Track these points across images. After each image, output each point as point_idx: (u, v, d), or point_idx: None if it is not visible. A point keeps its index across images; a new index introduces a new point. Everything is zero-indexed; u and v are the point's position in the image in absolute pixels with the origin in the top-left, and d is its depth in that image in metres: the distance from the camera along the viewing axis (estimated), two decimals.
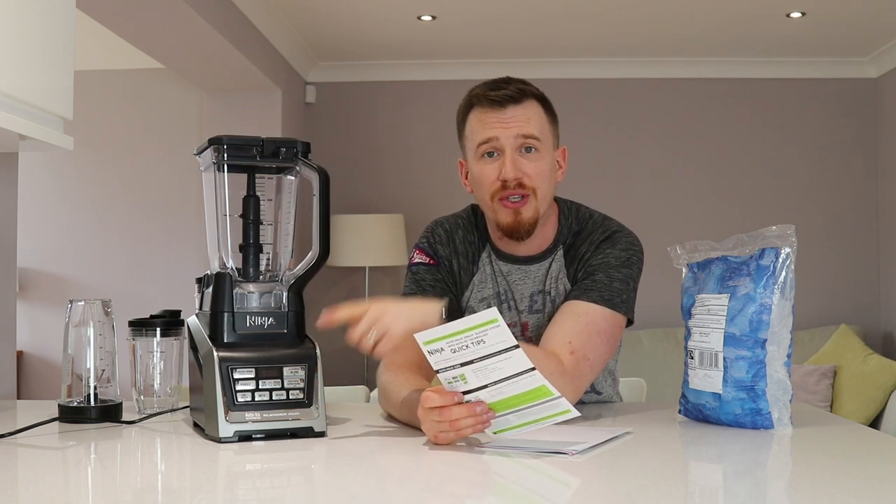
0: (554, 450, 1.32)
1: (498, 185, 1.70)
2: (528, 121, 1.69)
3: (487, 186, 1.71)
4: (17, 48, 1.56)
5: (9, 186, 2.18)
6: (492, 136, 1.69)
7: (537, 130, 1.70)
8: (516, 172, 1.68)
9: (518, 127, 1.69)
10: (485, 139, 1.70)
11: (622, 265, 1.71)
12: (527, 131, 1.69)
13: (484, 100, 1.71)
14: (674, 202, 5.09)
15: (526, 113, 1.70)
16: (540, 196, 1.71)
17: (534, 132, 1.70)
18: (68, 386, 1.63)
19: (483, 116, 1.71)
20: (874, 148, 5.06)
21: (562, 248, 1.79)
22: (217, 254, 1.54)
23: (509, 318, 1.79)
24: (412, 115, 5.22)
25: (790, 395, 1.51)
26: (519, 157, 1.69)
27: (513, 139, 1.69)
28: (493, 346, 1.32)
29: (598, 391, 1.84)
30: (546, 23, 4.42)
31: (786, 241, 1.50)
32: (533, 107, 1.72)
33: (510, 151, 1.68)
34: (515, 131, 1.68)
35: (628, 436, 1.45)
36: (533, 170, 1.69)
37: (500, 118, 1.69)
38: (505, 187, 1.69)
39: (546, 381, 1.34)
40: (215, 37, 3.71)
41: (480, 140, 1.71)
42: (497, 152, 1.70)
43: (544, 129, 1.73)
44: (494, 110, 1.70)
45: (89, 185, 5.09)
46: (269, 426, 1.42)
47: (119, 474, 1.28)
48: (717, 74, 5.10)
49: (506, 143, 1.69)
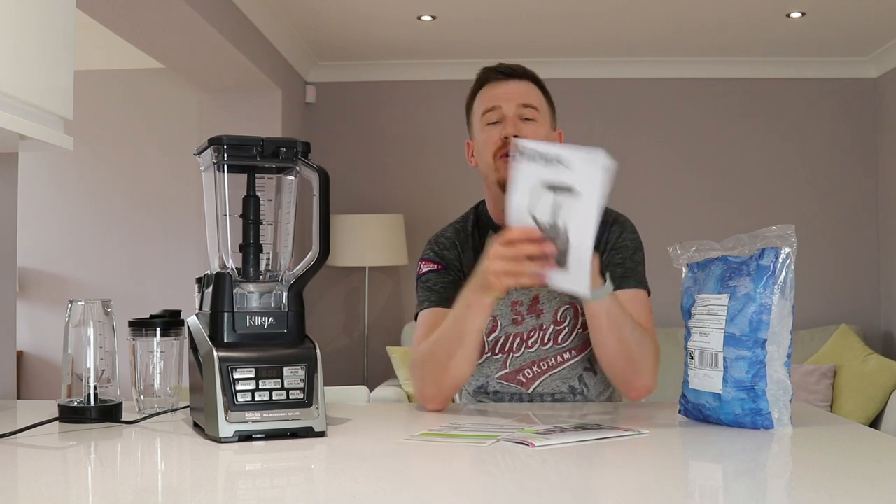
0: (518, 440, 1.37)
1: (499, 144, 1.85)
2: (528, 93, 1.89)
3: (490, 146, 1.87)
4: (17, 48, 1.56)
5: (9, 186, 2.18)
6: (496, 104, 1.88)
7: (536, 103, 1.89)
8: (516, 130, 1.84)
9: (519, 97, 1.88)
10: (489, 107, 1.88)
11: (638, 248, 1.89)
12: (526, 101, 1.88)
13: (490, 72, 1.93)
14: (674, 202, 5.09)
15: (527, 88, 1.90)
16: None
17: (533, 103, 1.88)
18: (68, 386, 1.63)
19: (489, 89, 1.91)
20: (874, 148, 5.06)
21: None
22: (217, 254, 1.54)
23: (522, 292, 1.88)
24: (412, 114, 5.22)
25: (790, 395, 1.51)
26: (519, 122, 1.86)
27: (514, 107, 1.87)
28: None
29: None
30: (546, 23, 4.42)
31: (786, 241, 1.50)
32: (532, 86, 1.92)
33: (511, 116, 1.86)
34: (516, 101, 1.87)
35: (642, 435, 1.45)
36: (531, 133, 1.84)
37: (503, 90, 1.89)
38: (505, 144, 1.83)
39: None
40: (215, 37, 3.71)
41: (485, 108, 1.89)
42: (500, 120, 1.87)
43: (542, 105, 1.91)
44: (499, 83, 1.90)
45: (89, 184, 5.09)
46: (269, 426, 1.42)
47: (119, 474, 1.28)
48: (717, 74, 5.10)
49: (507, 110, 1.87)
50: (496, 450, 1.35)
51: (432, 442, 1.41)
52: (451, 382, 1.72)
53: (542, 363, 1.86)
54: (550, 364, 1.86)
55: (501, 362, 1.88)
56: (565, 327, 1.86)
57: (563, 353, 1.86)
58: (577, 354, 1.87)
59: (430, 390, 1.73)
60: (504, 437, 1.40)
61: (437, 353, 1.72)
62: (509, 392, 1.88)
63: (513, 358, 1.87)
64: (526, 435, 1.40)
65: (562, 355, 1.86)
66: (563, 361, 1.86)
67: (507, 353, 1.88)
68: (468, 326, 1.66)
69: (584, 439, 1.40)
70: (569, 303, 1.86)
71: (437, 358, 1.72)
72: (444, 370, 1.70)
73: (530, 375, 1.86)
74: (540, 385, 1.86)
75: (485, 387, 1.90)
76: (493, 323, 1.88)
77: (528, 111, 1.86)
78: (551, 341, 1.86)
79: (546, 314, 1.86)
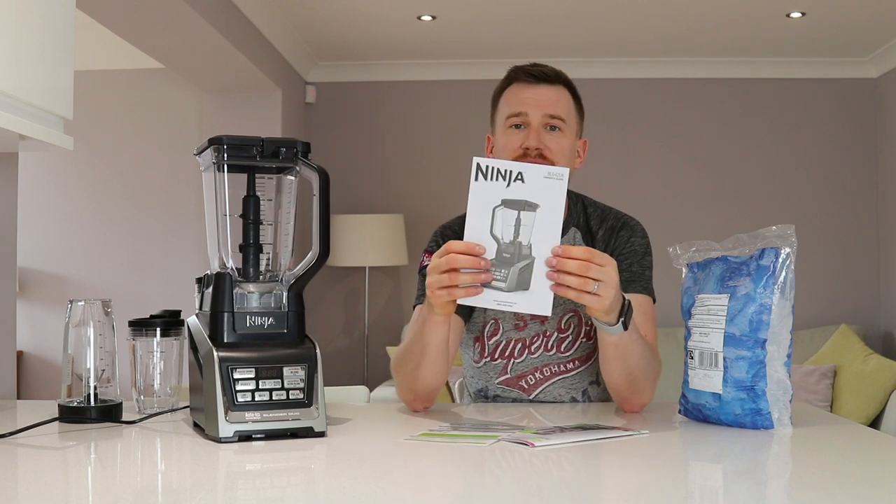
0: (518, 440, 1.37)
1: (520, 153, 1.80)
2: (557, 102, 1.83)
3: (510, 153, 1.81)
4: (17, 48, 1.56)
5: (9, 186, 2.18)
6: (522, 110, 1.82)
7: (564, 113, 1.83)
8: (539, 143, 1.80)
9: (548, 106, 1.82)
10: (515, 112, 1.83)
11: (647, 252, 1.86)
12: (555, 111, 1.82)
13: (522, 73, 1.85)
14: (674, 202, 5.09)
15: (557, 94, 1.84)
16: None
17: (561, 114, 1.82)
18: (68, 386, 1.63)
19: (518, 91, 1.85)
20: (874, 148, 5.06)
21: (574, 229, 1.88)
22: (217, 254, 1.54)
23: None
24: (412, 115, 5.22)
25: (790, 395, 1.51)
26: (544, 132, 1.81)
27: (541, 116, 1.81)
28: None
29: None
30: (546, 23, 4.42)
31: (786, 241, 1.50)
32: (563, 92, 1.86)
33: (536, 125, 1.81)
34: (544, 110, 1.81)
35: (642, 435, 1.45)
36: (555, 145, 1.81)
37: (532, 95, 1.83)
38: (526, 154, 1.79)
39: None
40: (215, 37, 3.71)
41: (511, 112, 1.83)
42: (524, 125, 1.82)
43: (571, 115, 1.85)
44: (530, 86, 1.83)
45: (89, 184, 5.09)
46: (269, 426, 1.42)
47: (119, 474, 1.28)
48: (717, 74, 5.10)
49: (533, 118, 1.81)
50: (496, 450, 1.35)
51: (432, 442, 1.41)
52: (425, 387, 1.71)
53: (545, 369, 1.85)
54: (553, 371, 1.85)
55: (502, 367, 1.87)
56: (569, 335, 1.84)
57: (566, 363, 1.84)
58: (581, 365, 1.85)
59: (407, 395, 1.74)
60: (504, 437, 1.40)
61: (406, 361, 1.71)
62: (510, 397, 1.87)
63: (514, 363, 1.86)
64: (526, 435, 1.40)
65: (565, 364, 1.84)
66: (566, 371, 1.84)
67: (509, 358, 1.86)
68: (427, 339, 1.63)
69: (584, 439, 1.40)
70: (573, 310, 1.83)
71: (406, 366, 1.71)
72: (414, 378, 1.70)
73: (532, 382, 1.85)
74: (542, 392, 1.85)
75: (485, 391, 1.90)
76: (495, 326, 1.87)
77: (556, 121, 1.81)
78: (554, 348, 1.84)
79: (550, 321, 1.84)
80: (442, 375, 1.70)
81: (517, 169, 1.43)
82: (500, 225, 1.43)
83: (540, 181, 1.42)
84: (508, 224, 1.43)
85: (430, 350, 1.64)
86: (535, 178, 1.43)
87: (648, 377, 1.68)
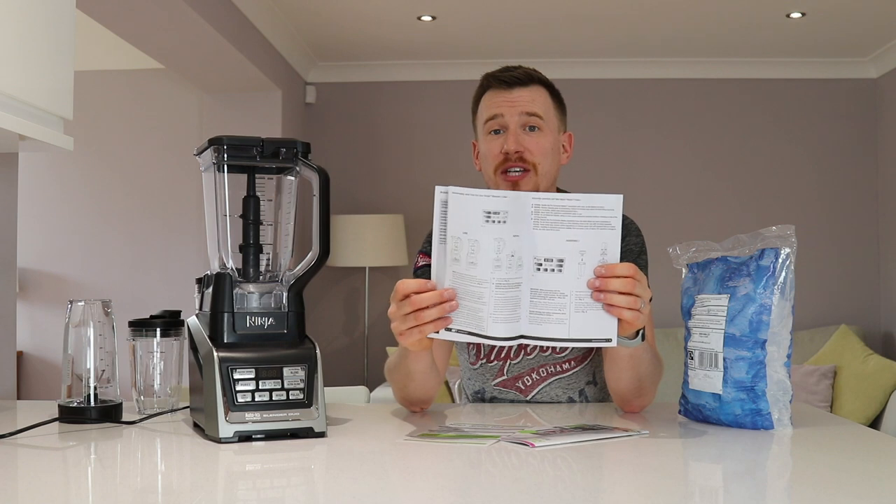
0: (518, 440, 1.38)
1: (501, 159, 1.80)
2: (532, 101, 1.81)
3: (492, 160, 1.81)
4: (17, 48, 1.56)
5: (9, 186, 2.18)
6: (498, 112, 1.81)
7: (541, 111, 1.81)
8: (518, 146, 1.78)
9: (523, 106, 1.80)
10: (491, 115, 1.82)
11: (642, 251, 1.84)
12: (530, 109, 1.80)
13: (493, 80, 1.84)
14: (674, 202, 5.09)
15: (531, 94, 1.82)
16: (541, 172, 1.80)
17: (537, 111, 1.80)
18: (68, 386, 1.63)
19: (492, 96, 1.83)
20: (874, 148, 5.06)
21: None
22: (217, 254, 1.54)
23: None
24: (412, 115, 5.22)
25: (790, 395, 1.51)
26: (522, 134, 1.80)
27: (517, 117, 1.80)
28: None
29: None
30: (546, 23, 4.42)
31: (786, 241, 1.50)
32: (539, 90, 1.83)
33: (514, 127, 1.79)
34: (520, 109, 1.80)
35: (641, 435, 1.45)
36: (535, 146, 1.79)
37: (506, 98, 1.81)
38: (507, 160, 1.79)
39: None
40: (215, 37, 3.71)
41: (488, 117, 1.82)
42: (502, 129, 1.81)
43: (549, 111, 1.83)
44: (503, 90, 1.82)
45: (89, 185, 5.09)
46: (269, 426, 1.42)
47: (119, 474, 1.28)
48: (717, 74, 5.10)
49: (510, 120, 1.80)
50: (496, 450, 1.35)
51: (432, 442, 1.41)
52: (418, 399, 1.71)
53: (542, 370, 1.85)
54: (550, 372, 1.84)
55: (498, 369, 1.87)
56: None
57: (562, 363, 1.84)
58: (577, 365, 1.84)
59: (401, 401, 1.75)
60: (504, 437, 1.40)
61: (395, 378, 1.71)
62: (507, 399, 1.87)
63: (511, 365, 1.86)
64: (526, 435, 1.40)
65: (561, 364, 1.84)
66: (563, 371, 1.84)
67: (505, 359, 1.86)
68: (412, 368, 1.63)
69: (584, 439, 1.40)
70: None
71: (395, 382, 1.72)
72: (405, 392, 1.71)
73: (529, 383, 1.85)
74: (539, 393, 1.85)
75: (482, 392, 1.90)
76: None
77: (533, 119, 1.80)
78: (550, 349, 1.84)
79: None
80: (434, 390, 1.70)
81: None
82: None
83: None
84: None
85: (417, 375, 1.65)
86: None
87: (654, 381, 1.69)
